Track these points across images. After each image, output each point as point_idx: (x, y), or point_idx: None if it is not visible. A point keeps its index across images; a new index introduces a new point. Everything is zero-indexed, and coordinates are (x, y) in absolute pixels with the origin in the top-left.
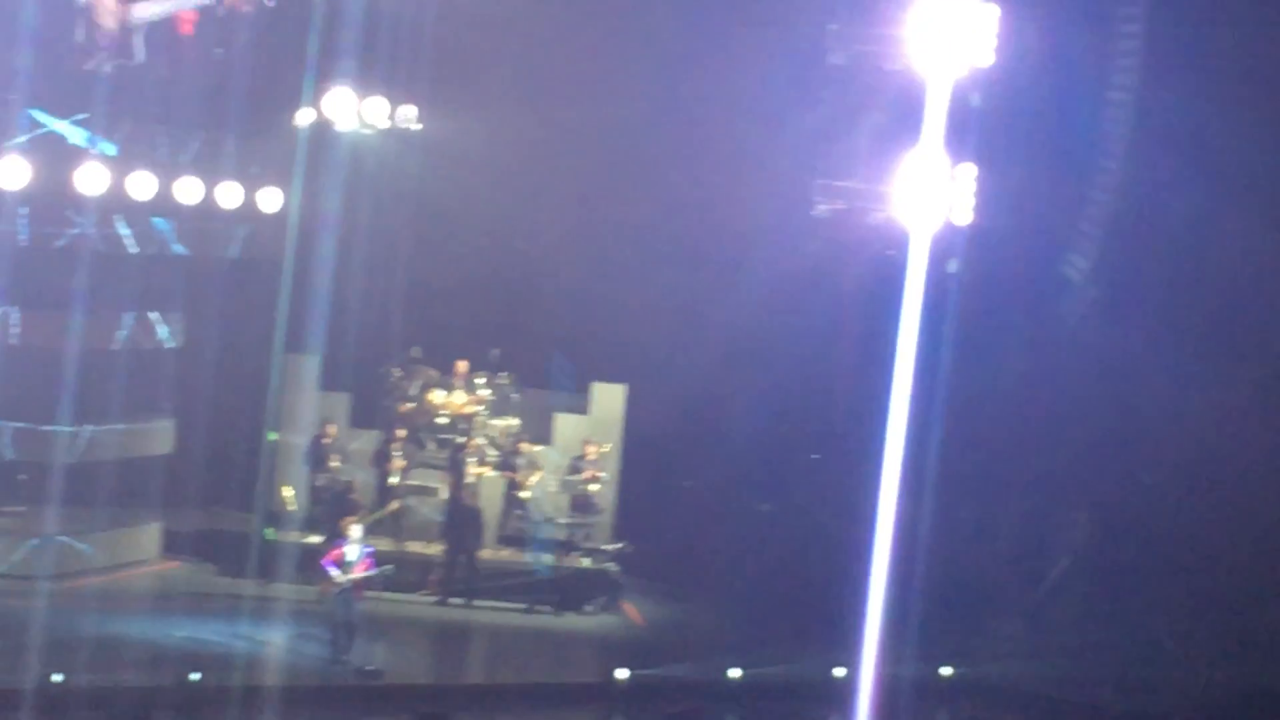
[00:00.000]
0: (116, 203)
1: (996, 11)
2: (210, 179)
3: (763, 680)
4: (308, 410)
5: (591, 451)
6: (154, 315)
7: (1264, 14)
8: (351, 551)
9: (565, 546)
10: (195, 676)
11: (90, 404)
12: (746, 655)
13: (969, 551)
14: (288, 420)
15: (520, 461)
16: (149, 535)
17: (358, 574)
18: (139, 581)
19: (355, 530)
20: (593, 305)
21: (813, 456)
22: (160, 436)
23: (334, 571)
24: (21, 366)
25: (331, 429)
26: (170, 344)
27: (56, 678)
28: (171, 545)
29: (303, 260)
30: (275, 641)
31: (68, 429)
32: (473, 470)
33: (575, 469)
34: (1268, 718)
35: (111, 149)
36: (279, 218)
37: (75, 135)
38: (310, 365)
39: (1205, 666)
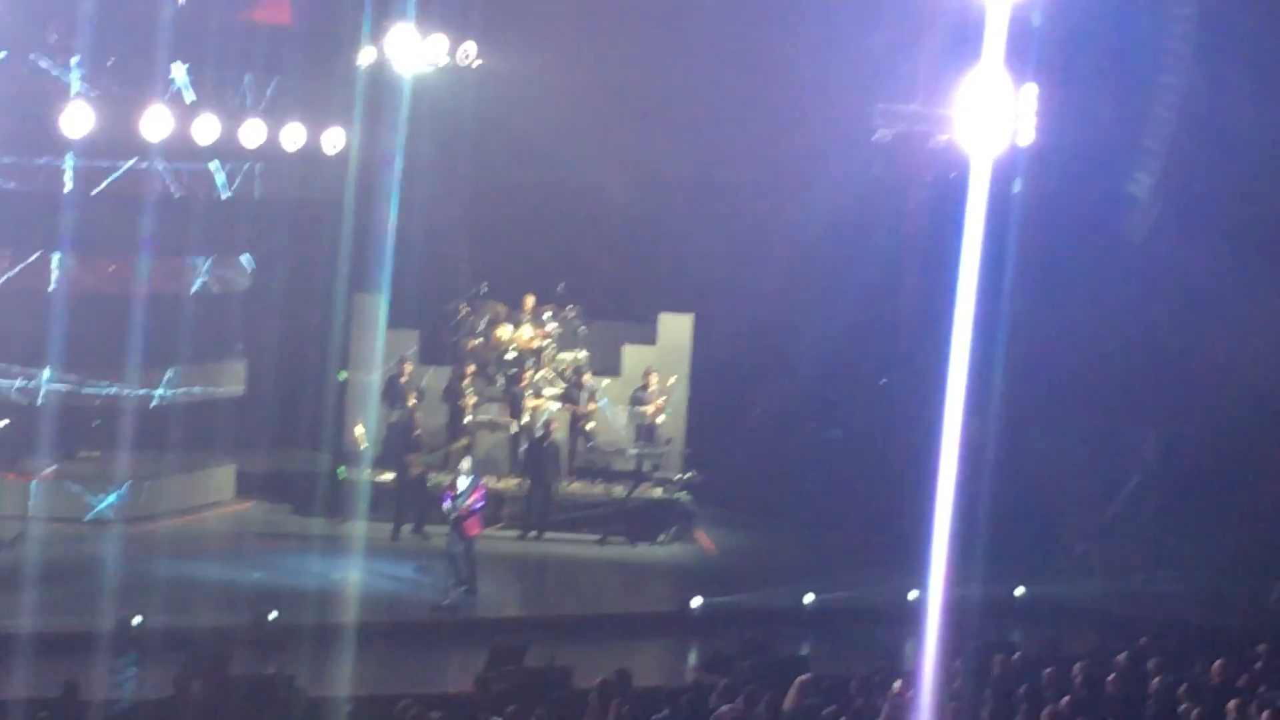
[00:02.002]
0: (183, 146)
1: None
2: (274, 121)
3: (836, 605)
4: (376, 348)
5: (653, 381)
6: (236, 258)
7: None
8: (462, 483)
9: (636, 477)
10: (273, 615)
11: (163, 348)
12: (820, 580)
13: (1039, 472)
14: (356, 359)
15: (585, 394)
16: (223, 477)
17: (469, 506)
18: (214, 523)
19: (465, 463)
20: (658, 236)
21: (880, 381)
22: (232, 378)
23: (446, 505)
24: (93, 312)
25: (408, 366)
26: (241, 286)
27: (136, 620)
28: (245, 486)
29: (367, 200)
30: (350, 579)
31: (140, 375)
32: (542, 404)
33: (638, 400)
34: None
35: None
36: (342, 158)
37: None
38: (378, 303)
39: (1275, 579)
